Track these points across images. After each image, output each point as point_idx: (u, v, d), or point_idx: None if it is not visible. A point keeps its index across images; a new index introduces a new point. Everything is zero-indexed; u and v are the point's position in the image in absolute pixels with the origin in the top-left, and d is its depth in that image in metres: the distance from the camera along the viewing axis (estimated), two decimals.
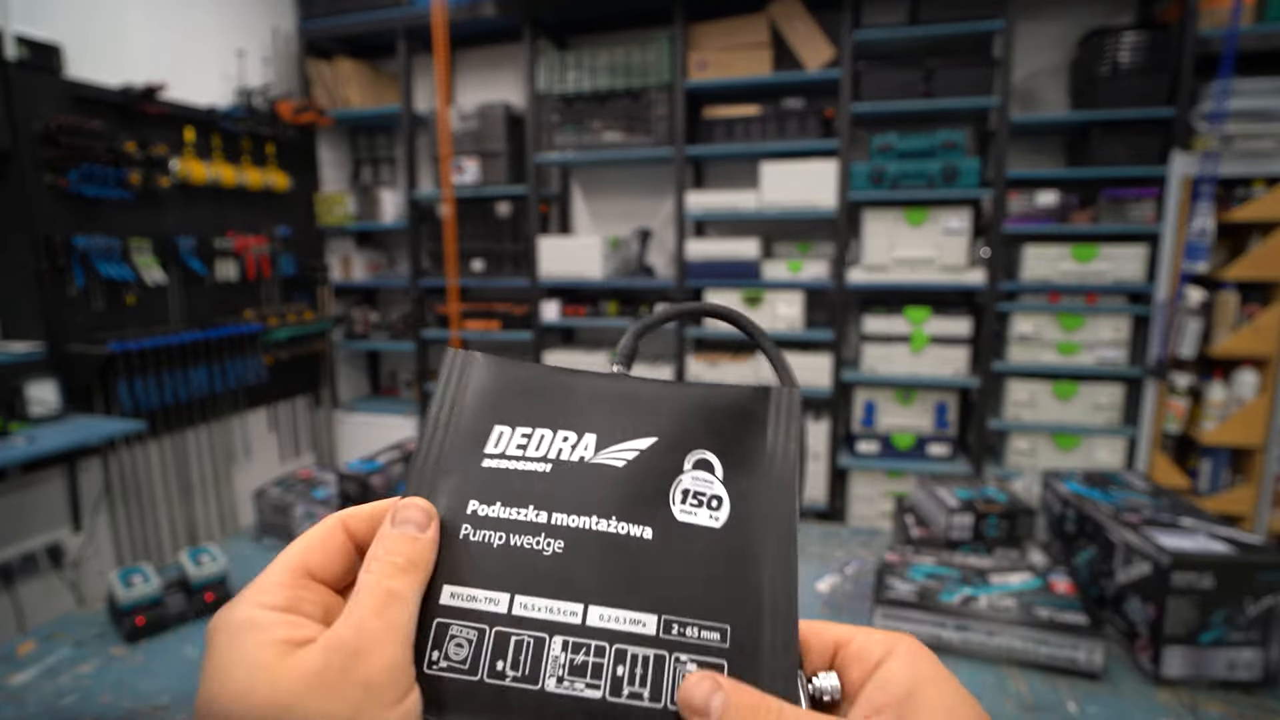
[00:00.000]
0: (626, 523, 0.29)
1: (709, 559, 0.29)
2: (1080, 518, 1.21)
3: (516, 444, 0.31)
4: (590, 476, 0.30)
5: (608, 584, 0.28)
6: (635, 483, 0.30)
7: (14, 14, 2.21)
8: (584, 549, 0.29)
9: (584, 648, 0.27)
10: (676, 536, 0.29)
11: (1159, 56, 2.49)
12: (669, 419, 0.32)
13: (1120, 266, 2.59)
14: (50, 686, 1.01)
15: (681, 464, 0.31)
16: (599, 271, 3.10)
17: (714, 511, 0.30)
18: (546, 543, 0.29)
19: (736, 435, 0.32)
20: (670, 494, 0.30)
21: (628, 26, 3.23)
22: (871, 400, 2.94)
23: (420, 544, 0.27)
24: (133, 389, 2.53)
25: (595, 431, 0.31)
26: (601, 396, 0.33)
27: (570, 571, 0.28)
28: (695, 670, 0.27)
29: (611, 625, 0.27)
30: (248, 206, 3.09)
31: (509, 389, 0.33)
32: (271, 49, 3.30)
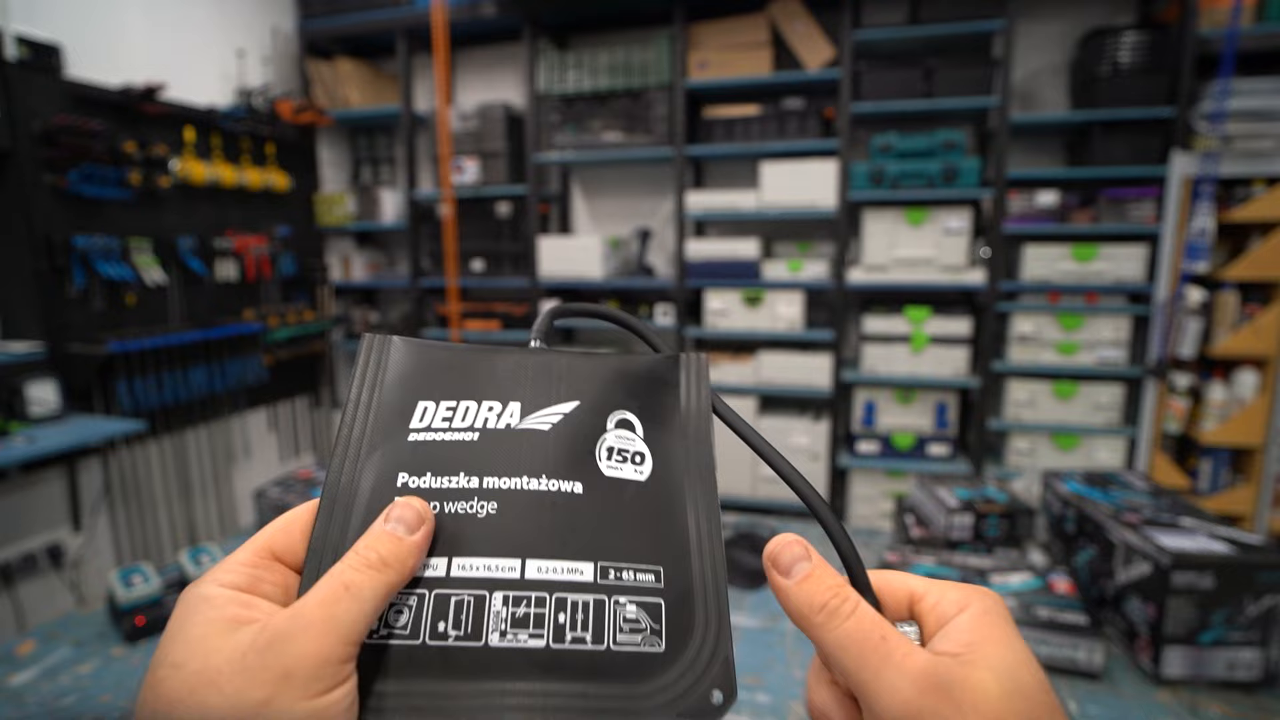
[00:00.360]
0: (557, 480, 0.30)
1: (637, 508, 0.30)
2: (1080, 518, 1.21)
3: (442, 417, 0.32)
4: (518, 441, 0.31)
5: (543, 538, 0.29)
6: (562, 443, 0.31)
7: (14, 14, 2.21)
8: (517, 507, 0.29)
9: (524, 600, 0.27)
10: (606, 490, 0.30)
11: (1159, 56, 2.49)
12: (588, 385, 0.33)
13: (1120, 266, 2.59)
14: (50, 686, 1.01)
15: (604, 424, 0.32)
16: (599, 271, 3.10)
17: (638, 466, 0.31)
18: (479, 505, 0.29)
19: (652, 397, 0.34)
20: (596, 452, 0.31)
21: (628, 26, 3.23)
22: (871, 400, 2.94)
23: (402, 546, 0.26)
24: (133, 389, 2.53)
25: (519, 400, 0.33)
26: (522, 369, 0.34)
27: (505, 529, 0.29)
28: (636, 609, 0.28)
29: (550, 576, 0.28)
30: (248, 206, 3.09)
31: (429, 368, 0.34)
32: (271, 49, 3.30)
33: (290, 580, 0.28)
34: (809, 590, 0.27)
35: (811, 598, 0.27)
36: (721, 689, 0.27)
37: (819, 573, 0.27)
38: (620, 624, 0.27)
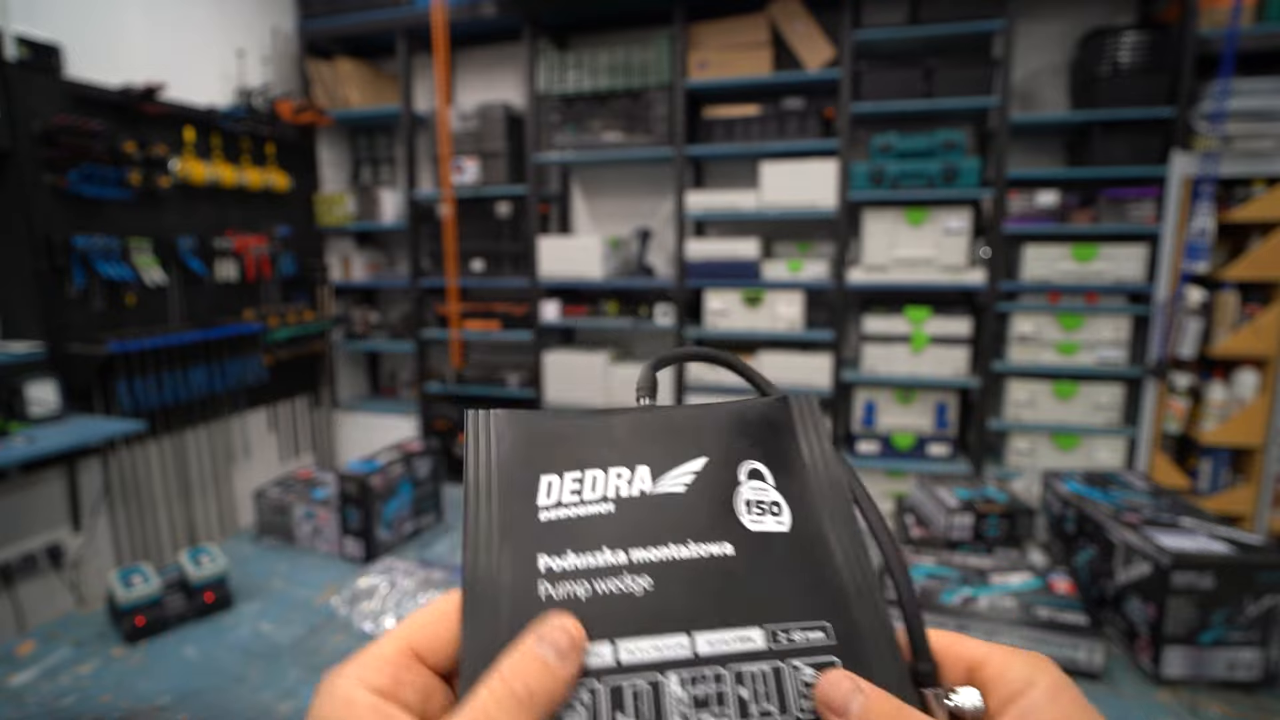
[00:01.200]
0: (706, 544, 0.29)
1: (790, 561, 0.29)
2: (1080, 518, 1.21)
3: (570, 490, 0.30)
4: (656, 507, 0.30)
5: (706, 607, 0.27)
6: (701, 503, 0.30)
7: (14, 14, 2.21)
8: (672, 578, 0.28)
9: (701, 678, 0.26)
10: (755, 546, 0.29)
11: (1159, 56, 2.49)
12: (711, 438, 0.32)
13: (1120, 266, 2.59)
14: (50, 687, 1.01)
15: (737, 477, 0.31)
16: (599, 271, 3.10)
17: (778, 516, 0.30)
18: (633, 581, 0.28)
19: (774, 443, 0.33)
20: (735, 507, 0.30)
21: (628, 26, 3.23)
22: (871, 400, 2.94)
23: (552, 675, 0.24)
24: (132, 389, 2.53)
25: (646, 463, 0.31)
26: (639, 429, 0.32)
27: (665, 604, 0.27)
28: (814, 671, 0.26)
29: (722, 649, 0.26)
30: (248, 206, 3.09)
31: (542, 439, 0.32)
32: (271, 49, 3.30)
33: (431, 684, 0.26)
34: None
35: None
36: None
37: (874, 701, 0.25)
38: (800, 689, 0.26)
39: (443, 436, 3.40)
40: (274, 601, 1.27)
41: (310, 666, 1.07)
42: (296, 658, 1.10)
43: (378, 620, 1.18)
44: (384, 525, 1.44)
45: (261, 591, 1.31)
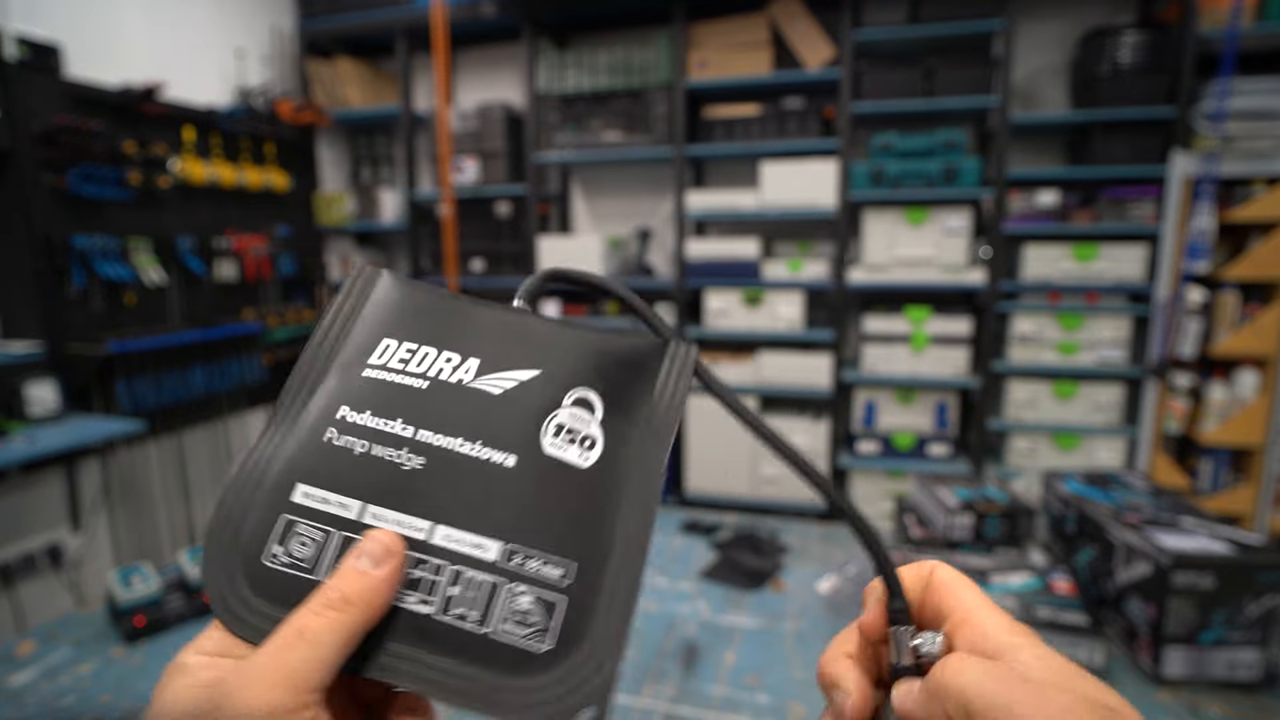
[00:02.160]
0: (490, 448, 0.29)
1: (568, 496, 0.29)
2: (1080, 518, 1.21)
3: (399, 358, 0.31)
4: (464, 399, 0.30)
5: (459, 505, 0.28)
6: (508, 411, 0.30)
7: (14, 14, 2.21)
8: (443, 468, 0.29)
9: (424, 564, 0.27)
10: (540, 469, 0.29)
11: (1159, 56, 2.49)
12: (558, 355, 0.32)
13: (1120, 266, 2.59)
14: (50, 687, 1.01)
15: (560, 399, 0.30)
16: (599, 271, 3.09)
17: (586, 450, 0.30)
18: (408, 457, 0.29)
19: (624, 381, 0.32)
20: (543, 426, 0.30)
21: (628, 26, 3.23)
22: (872, 400, 2.94)
23: (367, 580, 0.25)
24: (132, 389, 2.52)
25: (480, 357, 0.31)
26: (497, 327, 0.33)
27: (425, 488, 0.28)
28: (531, 602, 0.27)
29: (454, 546, 0.27)
30: (247, 206, 3.09)
31: (407, 307, 0.33)
32: (271, 48, 3.30)
33: None
34: None
35: None
36: (594, 708, 0.25)
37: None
38: (509, 612, 0.26)
39: None
40: None
41: None
42: None
43: None
44: None
45: None
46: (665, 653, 1.13)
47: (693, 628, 1.19)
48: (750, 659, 1.10)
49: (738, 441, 3.06)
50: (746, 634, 1.18)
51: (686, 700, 0.99)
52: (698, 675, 1.06)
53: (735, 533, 2.92)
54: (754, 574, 2.46)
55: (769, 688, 1.01)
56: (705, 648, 1.14)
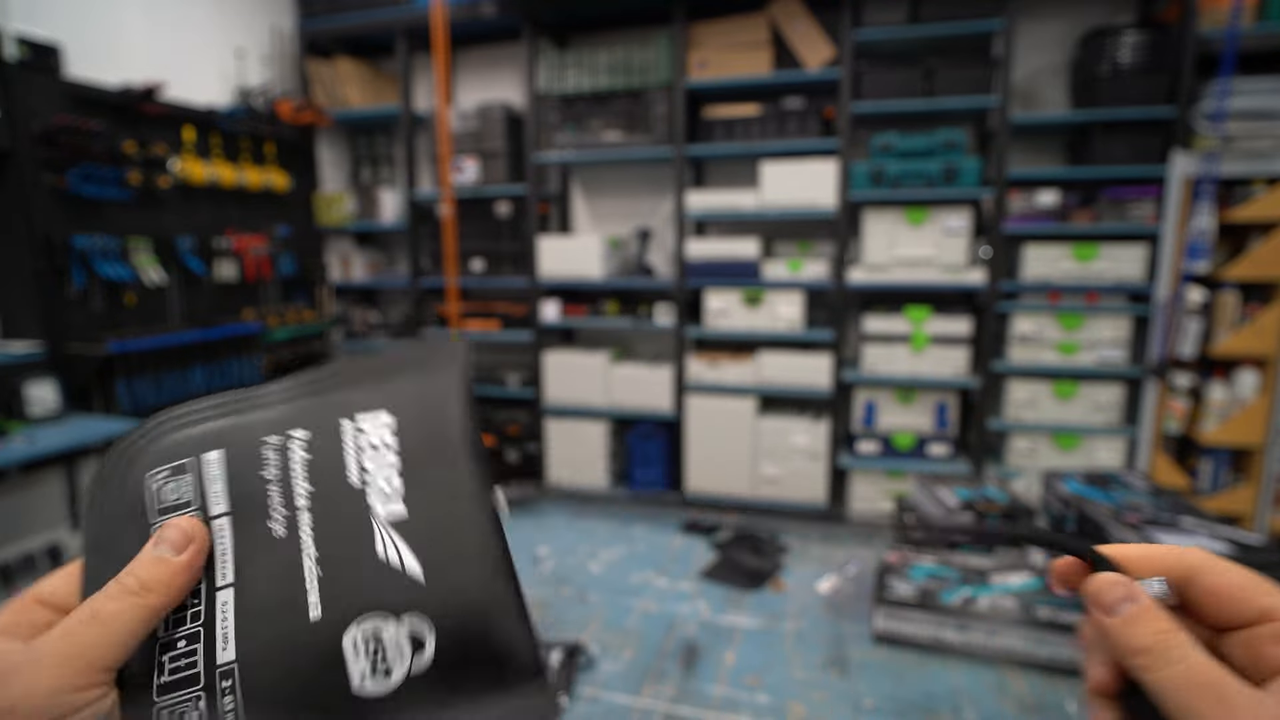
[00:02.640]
0: (318, 588, 0.28)
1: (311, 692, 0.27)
2: (1081, 517, 1.21)
3: (371, 440, 0.30)
4: (359, 532, 0.29)
5: (255, 596, 0.28)
6: (363, 577, 0.29)
7: (14, 14, 2.21)
8: (282, 558, 0.28)
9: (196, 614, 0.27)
10: (321, 649, 0.28)
11: (1159, 56, 2.49)
12: (451, 578, 0.28)
13: (1120, 266, 2.59)
14: None
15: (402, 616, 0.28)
16: (599, 271, 3.09)
17: (373, 678, 0.27)
18: (280, 519, 0.28)
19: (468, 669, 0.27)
20: (363, 620, 0.28)
21: (627, 26, 3.23)
22: (872, 400, 2.94)
23: (165, 567, 0.25)
24: (132, 389, 2.52)
25: (408, 509, 0.29)
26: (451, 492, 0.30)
27: (262, 554, 0.28)
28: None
29: (217, 623, 0.27)
30: (247, 206, 3.09)
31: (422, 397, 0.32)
32: (271, 48, 3.30)
33: (52, 621, 0.26)
34: (1133, 632, 0.26)
35: (1134, 639, 0.26)
36: None
37: (1145, 614, 0.26)
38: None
39: None
40: None
41: None
42: None
43: None
44: None
45: None
46: (665, 653, 1.13)
47: (693, 628, 1.19)
48: (750, 659, 1.10)
49: (738, 441, 3.06)
50: (746, 634, 1.18)
51: (686, 700, 0.99)
52: (698, 675, 1.06)
53: (735, 533, 2.92)
54: (754, 574, 2.46)
55: (769, 688, 1.02)
56: (705, 648, 1.14)
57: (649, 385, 3.17)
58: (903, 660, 1.07)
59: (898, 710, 0.92)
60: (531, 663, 0.27)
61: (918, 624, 1.06)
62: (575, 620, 1.21)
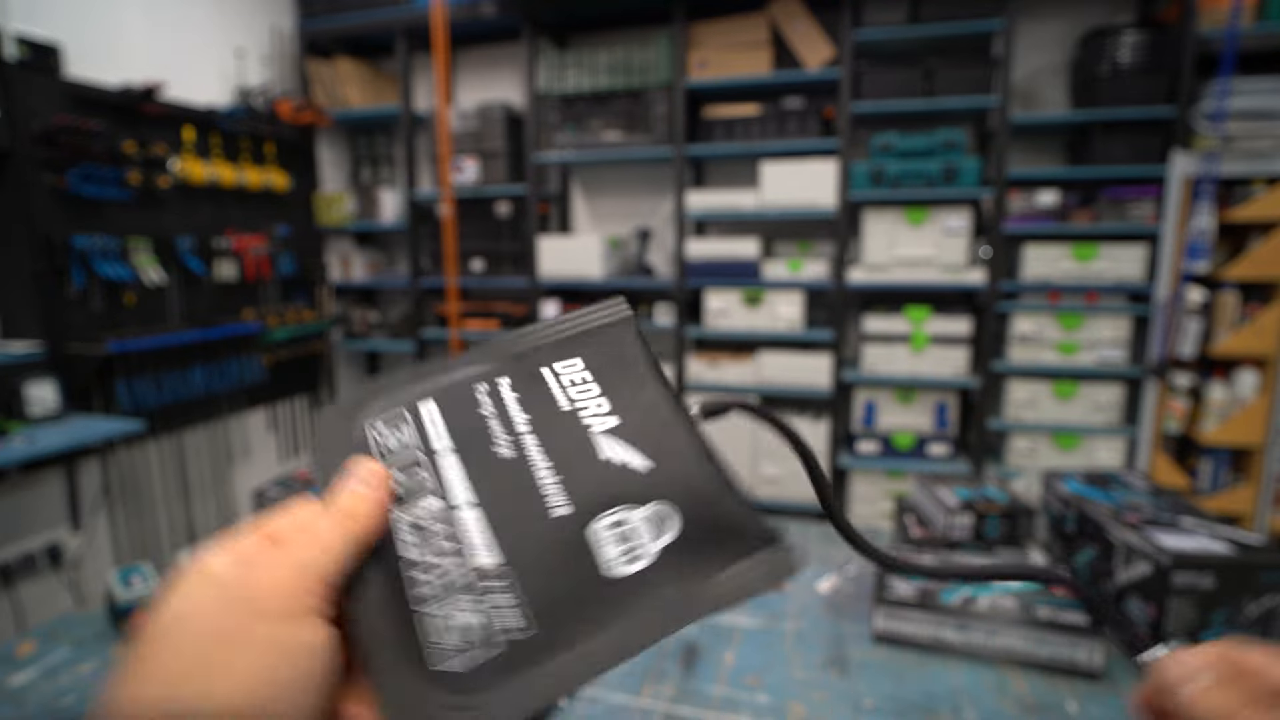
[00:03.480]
0: (560, 490, 0.32)
1: (578, 580, 0.29)
2: (1080, 518, 1.21)
3: (571, 377, 0.35)
4: (579, 440, 0.33)
5: (503, 511, 0.31)
6: (597, 477, 0.32)
7: (14, 14, 2.21)
8: (518, 473, 0.32)
9: (445, 526, 0.30)
10: (577, 539, 0.30)
11: (1159, 56, 2.49)
12: (673, 466, 0.33)
13: (1120, 266, 2.59)
14: (50, 687, 1.01)
15: (644, 503, 0.31)
16: (599, 271, 3.09)
17: (625, 560, 0.30)
18: (506, 444, 0.32)
19: (706, 536, 0.32)
20: (611, 512, 0.31)
21: (627, 26, 3.23)
22: (871, 400, 2.94)
23: (361, 499, 0.29)
24: (132, 389, 2.52)
25: (621, 420, 0.34)
26: (655, 409, 0.35)
27: (496, 476, 0.32)
28: (472, 624, 0.28)
29: (470, 534, 0.30)
30: (247, 206, 3.09)
31: (620, 348, 0.38)
32: (271, 48, 3.30)
33: None
34: (1211, 701, 0.28)
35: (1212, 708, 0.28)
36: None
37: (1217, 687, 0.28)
38: (451, 616, 0.28)
39: None
40: None
41: None
42: None
43: None
44: None
45: None
46: (665, 653, 1.13)
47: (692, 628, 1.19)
48: (750, 659, 1.10)
49: (738, 441, 3.06)
50: (746, 634, 1.18)
51: (686, 700, 0.99)
52: (697, 675, 1.06)
53: None
54: None
55: (769, 688, 1.02)
56: (705, 648, 1.14)
57: None
58: (903, 660, 1.07)
59: (898, 710, 0.92)
60: (763, 530, 0.32)
61: (918, 624, 1.06)
62: None
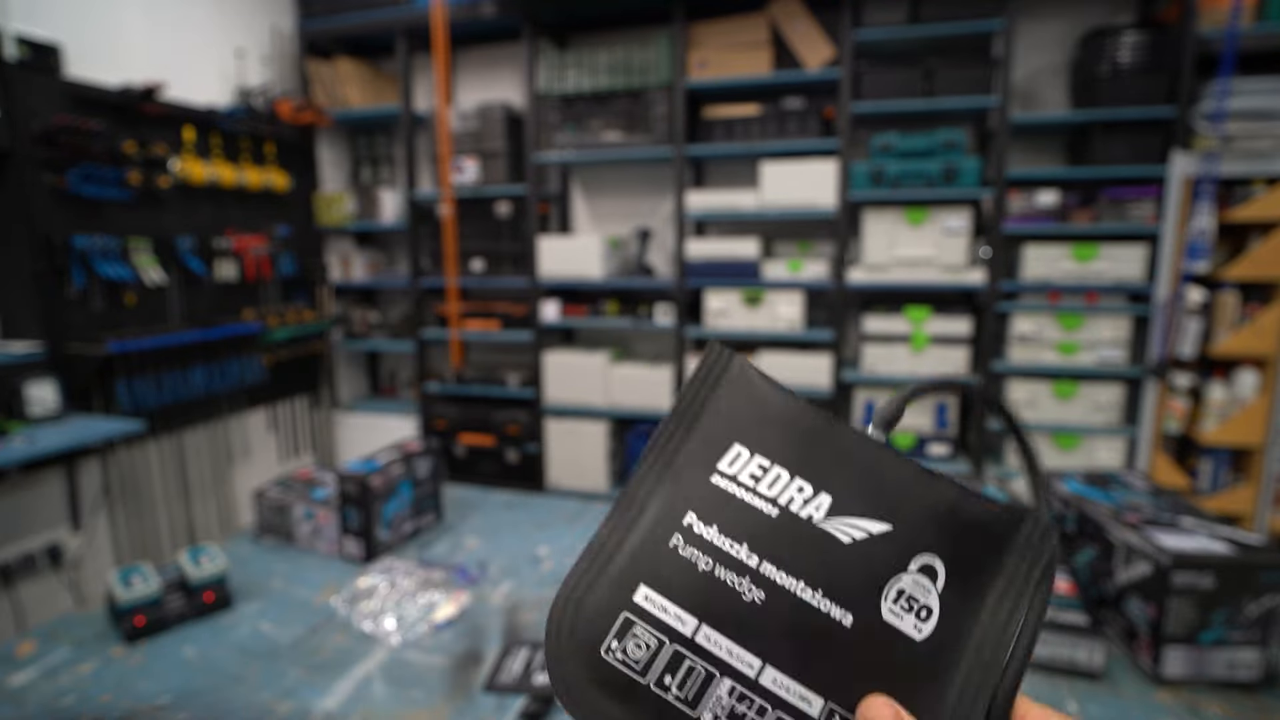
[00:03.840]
0: (831, 602, 0.29)
1: (897, 668, 0.28)
2: (1080, 518, 1.21)
3: (751, 473, 0.31)
4: (812, 540, 0.30)
5: (792, 652, 0.28)
6: (854, 565, 0.29)
7: (14, 14, 2.21)
8: (782, 609, 0.28)
9: (750, 702, 0.27)
10: (875, 633, 0.28)
11: (1159, 56, 2.49)
12: (911, 510, 0.30)
13: (1120, 266, 2.59)
14: (50, 687, 1.01)
15: (907, 563, 0.30)
16: (599, 271, 3.09)
17: (921, 622, 0.29)
18: (749, 588, 0.29)
19: (972, 552, 0.30)
20: (885, 589, 0.29)
21: (627, 26, 3.23)
22: (871, 400, 2.94)
23: None
24: (132, 389, 2.52)
25: (832, 495, 0.31)
26: (849, 459, 0.31)
27: (762, 625, 0.28)
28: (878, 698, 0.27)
29: (780, 693, 0.27)
30: (247, 206, 3.09)
31: (762, 411, 0.32)
32: (271, 48, 3.30)
33: None
34: None
35: None
36: None
37: None
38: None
39: (443, 436, 3.40)
40: (274, 601, 1.27)
41: (310, 666, 1.07)
42: (296, 658, 1.09)
43: (377, 620, 1.18)
44: (384, 525, 1.44)
45: (261, 591, 1.30)
46: None
47: None
48: None
49: None
50: None
51: None
52: None
53: None
54: None
55: None
56: None
57: (649, 385, 3.17)
58: None
59: None
60: (1008, 511, 0.31)
61: None
62: None
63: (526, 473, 3.38)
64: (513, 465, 3.38)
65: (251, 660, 1.09)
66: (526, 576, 1.35)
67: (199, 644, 1.13)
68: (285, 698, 1.00)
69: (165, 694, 1.00)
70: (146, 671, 1.05)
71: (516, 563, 1.41)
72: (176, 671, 1.05)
